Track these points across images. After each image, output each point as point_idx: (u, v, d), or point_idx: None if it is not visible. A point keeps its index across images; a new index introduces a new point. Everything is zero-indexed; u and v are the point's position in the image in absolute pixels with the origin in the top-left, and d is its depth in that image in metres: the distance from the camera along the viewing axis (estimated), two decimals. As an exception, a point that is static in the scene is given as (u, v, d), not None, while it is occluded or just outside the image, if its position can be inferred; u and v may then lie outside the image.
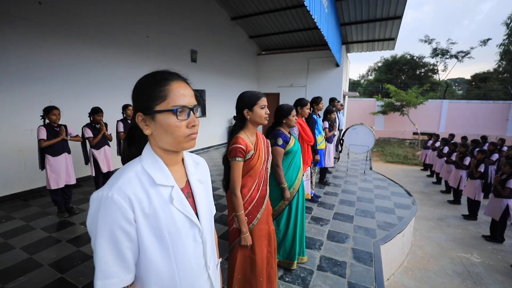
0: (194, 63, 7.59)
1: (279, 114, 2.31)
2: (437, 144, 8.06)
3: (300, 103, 2.99)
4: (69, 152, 3.41)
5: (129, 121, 4.20)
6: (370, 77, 32.02)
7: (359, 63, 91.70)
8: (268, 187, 1.61)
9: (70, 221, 3.27)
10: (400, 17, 8.07)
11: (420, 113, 15.12)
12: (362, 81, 34.21)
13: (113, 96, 5.19)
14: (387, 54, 43.88)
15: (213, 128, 8.80)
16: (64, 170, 3.32)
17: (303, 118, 3.08)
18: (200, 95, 8.00)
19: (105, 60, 5.13)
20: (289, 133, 2.37)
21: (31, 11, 3.99)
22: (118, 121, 4.14)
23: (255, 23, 9.66)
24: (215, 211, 0.98)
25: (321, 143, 3.88)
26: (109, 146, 3.89)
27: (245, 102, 1.47)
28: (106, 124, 3.86)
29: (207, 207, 0.85)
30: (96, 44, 4.93)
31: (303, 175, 2.77)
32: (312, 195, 4.02)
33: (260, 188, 1.52)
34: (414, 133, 15.66)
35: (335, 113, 4.72)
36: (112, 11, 5.17)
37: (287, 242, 2.36)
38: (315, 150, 3.70)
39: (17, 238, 2.83)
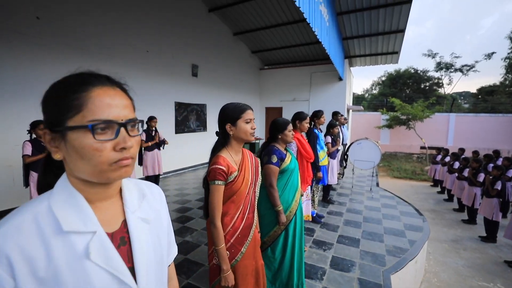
0: (195, 77, 7.55)
1: (274, 128, 2.11)
2: (447, 159, 7.70)
3: (299, 116, 2.79)
4: (55, 169, 3.23)
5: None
6: (374, 91, 31.98)
7: (363, 78, 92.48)
8: (255, 215, 1.37)
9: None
10: (403, 31, 8.00)
11: (427, 127, 14.78)
12: (367, 95, 34.17)
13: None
14: (391, 68, 44.20)
15: (214, 142, 8.62)
16: (49, 188, 3.13)
17: (303, 133, 2.87)
18: (201, 109, 7.91)
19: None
20: (286, 149, 2.16)
21: (28, 25, 3.98)
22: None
23: (257, 38, 9.73)
24: (175, 253, 0.75)
25: (324, 159, 3.65)
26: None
27: (228, 115, 1.27)
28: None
29: (154, 256, 0.61)
30: (94, 59, 4.89)
31: (301, 196, 2.53)
32: (314, 215, 3.73)
33: (245, 216, 1.29)
34: (422, 147, 15.25)
35: (338, 127, 4.51)
36: (112, 26, 5.18)
37: (284, 272, 2.08)
38: (317, 167, 3.46)
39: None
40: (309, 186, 2.88)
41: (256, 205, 1.38)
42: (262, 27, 8.87)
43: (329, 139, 4.31)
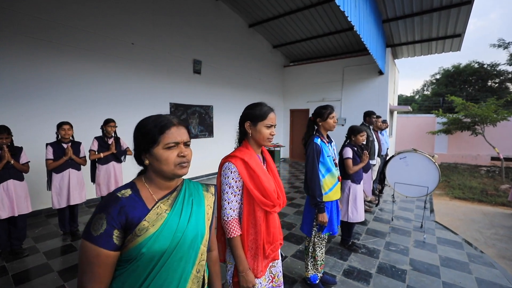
0: (197, 74, 6.50)
1: (136, 143, 0.76)
2: (543, 179, 5.31)
3: (251, 113, 1.33)
4: None
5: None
6: (427, 92, 27.76)
7: (412, 78, 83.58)
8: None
9: None
10: (469, 2, 5.88)
11: (501, 132, 11.59)
12: (417, 96, 29.91)
13: (86, 113, 4.26)
14: (447, 63, 38.57)
15: (222, 150, 7.46)
16: None
17: (265, 147, 1.44)
18: (205, 112, 6.81)
19: (75, 71, 4.27)
20: (169, 195, 0.78)
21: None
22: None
23: (277, 29, 8.37)
24: None
25: (332, 189, 2.12)
26: (20, 181, 2.74)
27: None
28: (16, 148, 2.75)
29: None
30: (63, 52, 4.10)
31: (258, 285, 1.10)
32: (315, 282, 2.22)
33: None
34: (493, 158, 12.06)
35: (365, 133, 2.91)
36: (84, 15, 4.35)
37: None
38: (317, 205, 1.98)
39: None
40: (277, 262, 1.41)
41: None
42: (281, 14, 7.48)
43: (349, 152, 2.74)
